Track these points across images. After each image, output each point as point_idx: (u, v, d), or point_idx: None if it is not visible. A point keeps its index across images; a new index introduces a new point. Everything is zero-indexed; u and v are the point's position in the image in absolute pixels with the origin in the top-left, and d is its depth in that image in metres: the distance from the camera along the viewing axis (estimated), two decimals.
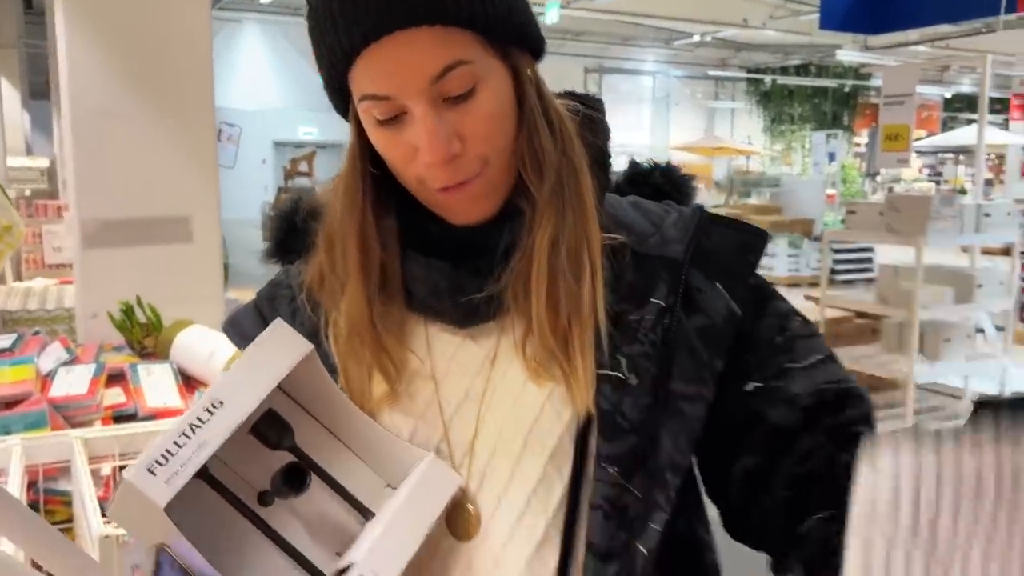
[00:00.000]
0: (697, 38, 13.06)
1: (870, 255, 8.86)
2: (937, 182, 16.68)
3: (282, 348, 0.64)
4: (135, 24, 2.23)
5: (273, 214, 0.77)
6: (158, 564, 0.59)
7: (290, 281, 0.76)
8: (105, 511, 1.02)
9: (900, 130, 4.81)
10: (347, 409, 0.68)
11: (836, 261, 8.67)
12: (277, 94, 13.40)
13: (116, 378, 1.67)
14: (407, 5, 0.59)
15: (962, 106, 17.34)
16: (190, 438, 0.58)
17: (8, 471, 1.22)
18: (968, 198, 5.85)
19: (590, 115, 0.72)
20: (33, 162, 6.08)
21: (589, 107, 0.73)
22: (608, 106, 0.75)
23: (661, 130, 17.53)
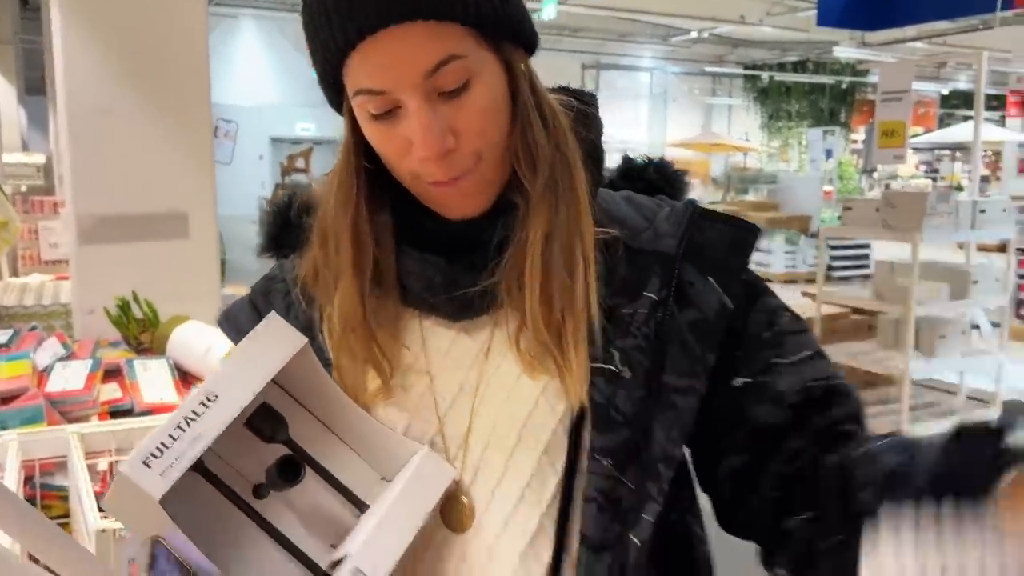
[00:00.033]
0: (694, 34, 13.04)
1: (867, 252, 8.87)
2: (934, 179, 16.68)
3: (276, 342, 0.64)
4: (131, 20, 2.23)
5: (267, 208, 0.78)
6: (153, 556, 0.59)
7: (284, 275, 0.76)
8: (102, 505, 1.02)
9: (896, 126, 4.81)
10: (341, 403, 0.68)
11: (833, 258, 8.68)
12: (274, 90, 13.37)
13: (113, 373, 1.68)
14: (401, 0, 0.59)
15: (959, 103, 17.34)
16: (185, 431, 0.59)
17: (4, 466, 1.22)
18: (964, 195, 5.86)
19: (583, 110, 0.72)
20: (29, 158, 6.06)
21: (582, 102, 0.73)
22: (605, 102, 0.76)
23: (658, 126, 17.50)
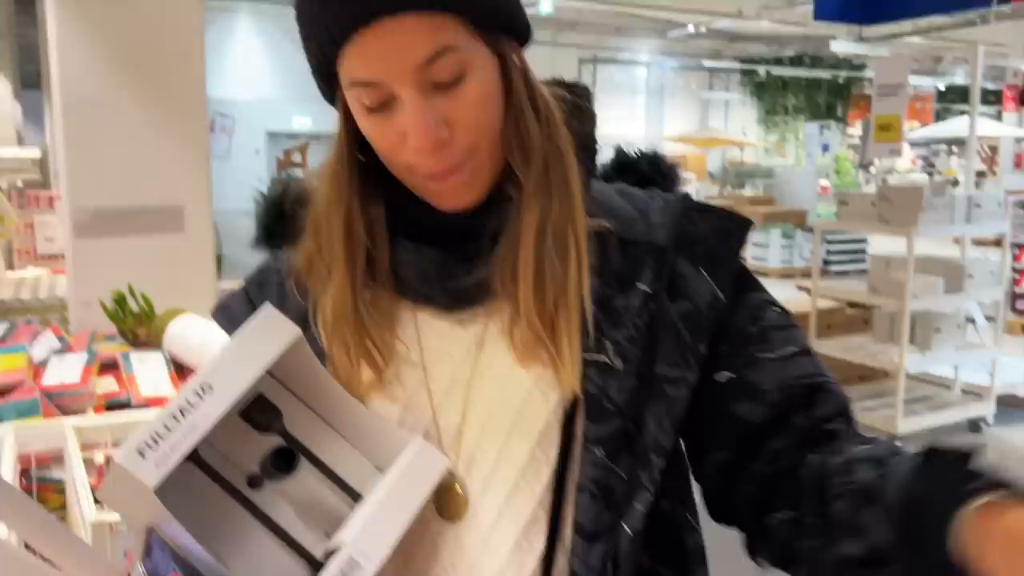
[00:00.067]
0: (691, 29, 13.02)
1: (863, 246, 8.88)
2: (930, 173, 16.67)
3: (271, 333, 0.64)
4: (126, 13, 2.22)
5: (261, 200, 0.78)
6: (148, 545, 0.60)
7: (279, 266, 0.76)
8: (97, 495, 1.02)
9: (892, 120, 4.82)
10: (336, 394, 0.68)
11: (830, 252, 8.69)
12: (270, 85, 13.34)
13: (109, 367, 1.68)
14: None
15: (955, 97, 17.33)
16: (180, 421, 0.59)
17: (0, 459, 1.22)
18: (959, 189, 5.87)
19: (576, 103, 0.72)
20: (25, 152, 6.03)
21: (575, 95, 0.73)
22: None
23: (655, 121, 17.49)
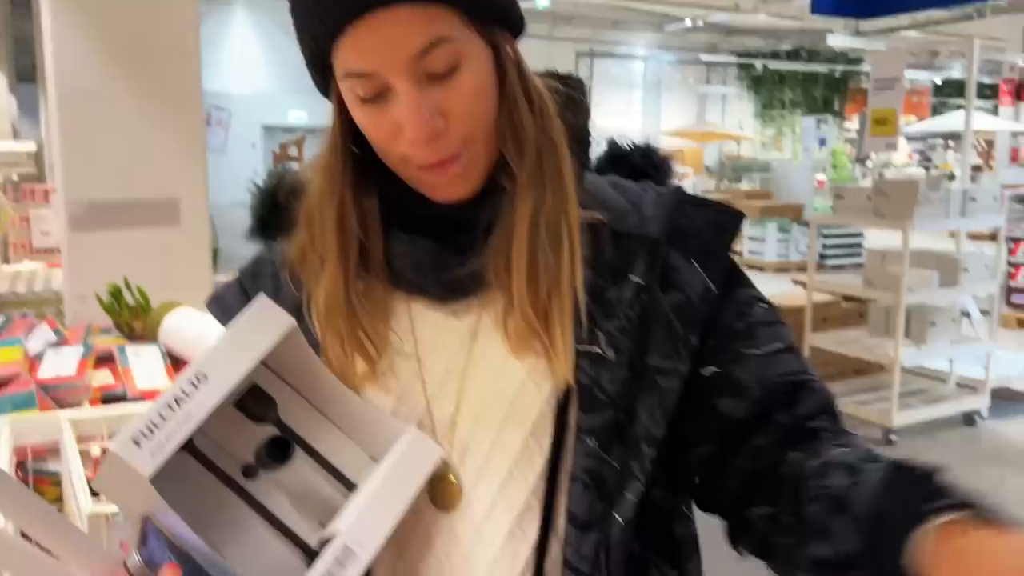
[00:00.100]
0: (688, 22, 13.00)
1: (859, 240, 8.90)
2: (927, 167, 16.68)
3: (265, 323, 0.64)
4: (121, 6, 2.21)
5: (255, 191, 0.78)
6: (143, 534, 0.60)
7: (273, 257, 0.76)
8: (92, 485, 1.03)
9: (888, 114, 4.82)
10: (330, 384, 0.68)
11: (826, 246, 8.71)
12: (267, 78, 13.30)
13: (105, 360, 1.68)
14: None
15: (952, 92, 17.33)
16: (175, 411, 0.59)
17: None
18: (956, 183, 5.88)
19: (570, 94, 0.73)
20: (20, 146, 6.01)
21: (569, 87, 0.73)
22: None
23: (653, 115, 17.46)
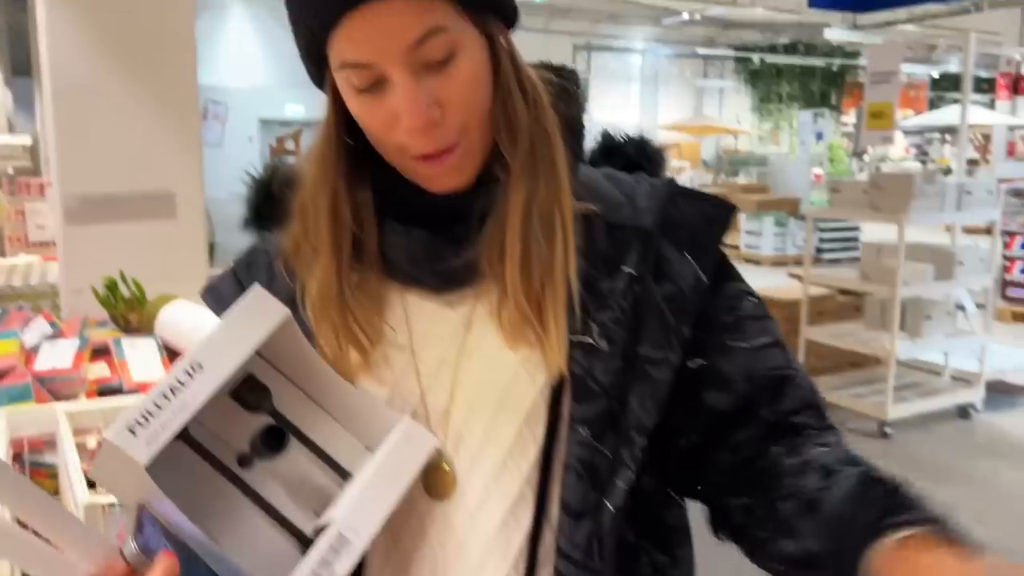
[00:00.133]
0: (686, 16, 12.98)
1: (856, 234, 8.91)
2: (923, 161, 16.68)
3: (260, 313, 0.64)
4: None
5: (250, 182, 0.78)
6: (139, 522, 0.60)
7: (267, 248, 0.76)
8: (89, 474, 1.03)
9: (884, 108, 4.82)
10: (325, 374, 0.69)
11: (822, 240, 8.72)
12: (264, 72, 13.24)
13: (101, 352, 1.68)
14: None
15: (949, 85, 17.30)
16: (170, 400, 0.59)
17: None
18: (952, 177, 5.88)
19: (564, 85, 0.73)
20: (15, 139, 5.99)
21: (563, 78, 0.74)
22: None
23: (650, 109, 17.42)
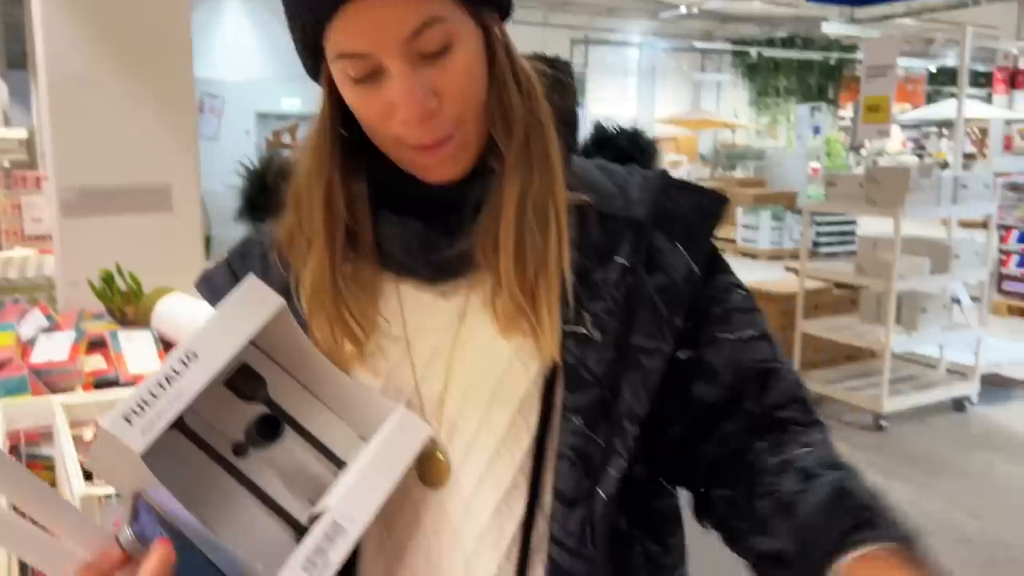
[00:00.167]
0: (683, 10, 12.96)
1: (853, 228, 8.92)
2: (920, 155, 16.69)
3: (255, 303, 0.65)
4: None
5: (244, 173, 0.78)
6: (135, 510, 0.61)
7: (262, 238, 0.77)
8: (85, 464, 1.04)
9: (880, 101, 4.83)
10: (319, 364, 0.69)
11: (819, 234, 8.73)
12: (260, 65, 13.20)
13: (97, 345, 1.68)
14: None
15: (947, 80, 17.30)
16: (166, 389, 0.59)
17: None
18: (948, 170, 5.89)
19: (558, 77, 0.73)
20: (11, 133, 5.98)
21: (557, 70, 0.74)
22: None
23: (647, 103, 17.40)
